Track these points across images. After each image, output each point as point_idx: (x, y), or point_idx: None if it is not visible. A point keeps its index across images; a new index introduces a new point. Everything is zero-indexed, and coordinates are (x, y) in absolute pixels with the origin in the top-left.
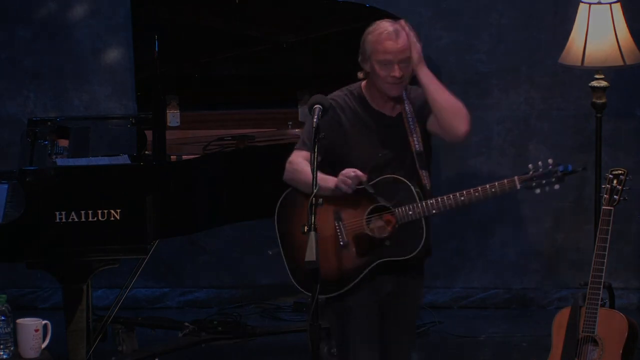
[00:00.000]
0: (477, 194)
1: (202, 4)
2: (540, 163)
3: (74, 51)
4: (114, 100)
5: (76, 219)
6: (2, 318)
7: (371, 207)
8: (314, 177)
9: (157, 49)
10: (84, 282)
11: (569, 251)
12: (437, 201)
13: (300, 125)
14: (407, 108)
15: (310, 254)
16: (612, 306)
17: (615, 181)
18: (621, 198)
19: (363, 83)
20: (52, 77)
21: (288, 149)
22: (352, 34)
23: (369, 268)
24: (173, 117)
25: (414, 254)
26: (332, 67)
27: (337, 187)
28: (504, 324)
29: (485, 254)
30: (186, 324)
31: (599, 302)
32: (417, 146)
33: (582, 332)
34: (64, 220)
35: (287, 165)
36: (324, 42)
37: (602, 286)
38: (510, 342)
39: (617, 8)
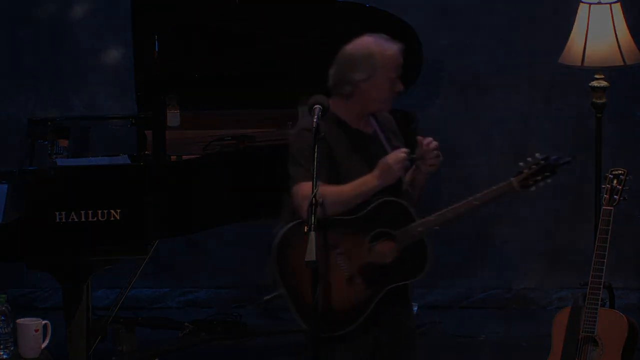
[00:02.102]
0: (476, 202)
1: (203, 3)
2: (530, 159)
3: (74, 51)
4: (114, 100)
5: (76, 219)
6: (2, 318)
7: (372, 234)
8: (315, 178)
9: (157, 49)
10: (84, 282)
11: (569, 251)
12: (437, 216)
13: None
14: (373, 123)
15: (310, 254)
16: (612, 306)
17: (615, 181)
18: (621, 198)
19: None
20: (52, 77)
21: (288, 149)
22: (352, 34)
23: (380, 296)
24: (173, 117)
25: (422, 273)
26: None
27: (386, 173)
28: (504, 324)
29: (485, 254)
30: (186, 324)
31: (599, 302)
32: None
33: (582, 332)
34: (64, 220)
35: (303, 202)
36: (324, 42)
37: (602, 286)
38: (510, 342)
39: (617, 8)
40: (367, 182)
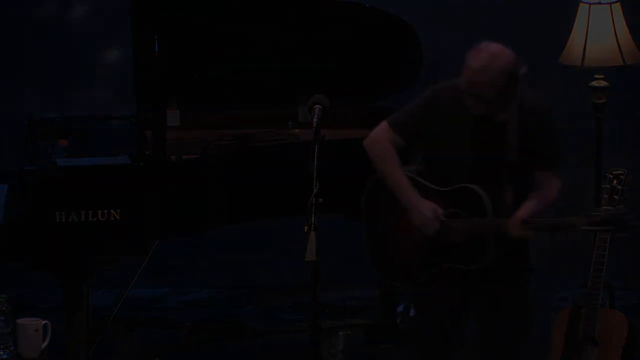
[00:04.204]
0: (549, 221)
1: (203, 3)
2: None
3: (74, 51)
4: (114, 100)
5: (76, 219)
6: (2, 318)
7: (450, 211)
8: (315, 178)
9: (157, 49)
10: (84, 282)
11: (569, 251)
12: (509, 221)
13: (300, 125)
14: (515, 115)
15: (311, 254)
16: (612, 306)
17: (615, 181)
18: (621, 198)
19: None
20: (52, 77)
21: (288, 149)
22: (352, 34)
23: (433, 271)
24: (173, 117)
25: (475, 266)
26: (333, 66)
27: (418, 221)
28: None
29: None
30: (186, 324)
31: (599, 302)
32: (510, 156)
33: (582, 332)
34: (63, 220)
35: (372, 143)
36: (324, 41)
37: (602, 286)
38: None
39: (617, 8)
40: (408, 197)
